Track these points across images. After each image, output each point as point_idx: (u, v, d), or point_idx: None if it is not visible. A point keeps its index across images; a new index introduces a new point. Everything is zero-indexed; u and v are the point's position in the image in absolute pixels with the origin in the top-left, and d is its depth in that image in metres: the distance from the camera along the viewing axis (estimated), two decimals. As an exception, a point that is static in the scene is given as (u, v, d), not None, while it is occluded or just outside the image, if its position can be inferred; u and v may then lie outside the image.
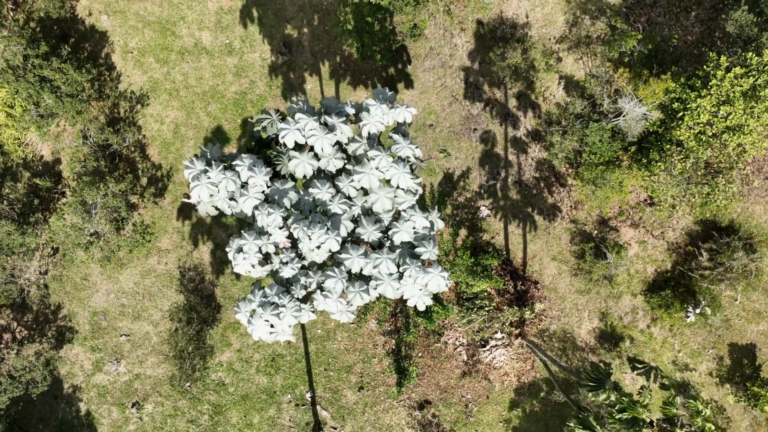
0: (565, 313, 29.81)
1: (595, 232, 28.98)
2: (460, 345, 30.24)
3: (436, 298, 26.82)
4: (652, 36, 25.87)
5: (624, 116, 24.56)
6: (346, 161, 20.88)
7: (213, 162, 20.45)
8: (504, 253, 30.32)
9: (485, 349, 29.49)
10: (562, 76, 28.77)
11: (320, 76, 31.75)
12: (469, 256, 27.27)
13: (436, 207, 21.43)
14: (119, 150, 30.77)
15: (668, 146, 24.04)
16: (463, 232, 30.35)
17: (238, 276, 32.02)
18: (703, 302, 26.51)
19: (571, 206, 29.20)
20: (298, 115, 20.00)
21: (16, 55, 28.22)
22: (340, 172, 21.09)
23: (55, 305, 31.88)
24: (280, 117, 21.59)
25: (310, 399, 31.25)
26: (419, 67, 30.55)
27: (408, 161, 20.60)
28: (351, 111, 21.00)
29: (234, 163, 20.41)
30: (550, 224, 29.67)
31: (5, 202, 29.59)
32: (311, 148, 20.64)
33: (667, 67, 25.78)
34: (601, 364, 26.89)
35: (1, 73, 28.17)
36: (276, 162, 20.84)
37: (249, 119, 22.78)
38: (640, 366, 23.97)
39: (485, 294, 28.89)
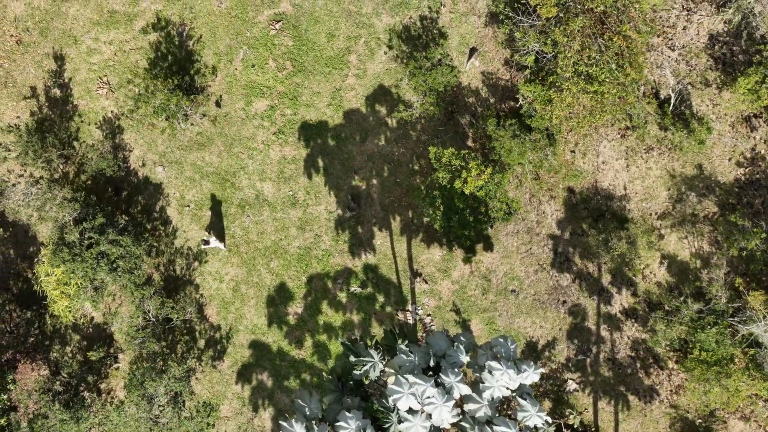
0: (662, 500, 27.61)
1: (699, 420, 26.77)
2: None
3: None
4: (776, 236, 23.79)
5: (744, 321, 22.45)
6: (460, 417, 18.69)
7: (314, 425, 18.26)
8: (593, 429, 28.14)
9: None
10: (664, 255, 26.57)
11: (390, 231, 29.59)
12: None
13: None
14: (179, 324, 28.59)
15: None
16: (547, 405, 28.23)
17: (301, 443, 29.87)
18: None
19: (671, 390, 27.00)
20: (412, 379, 17.81)
21: (72, 231, 26.08)
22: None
23: (106, 477, 29.73)
24: (382, 357, 19.40)
25: None
26: (501, 230, 28.36)
27: (536, 430, 18.45)
28: (465, 359, 18.84)
29: (338, 425, 18.22)
30: (646, 406, 27.47)
31: (58, 382, 27.42)
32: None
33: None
34: None
35: (57, 251, 26.02)
36: (383, 421, 18.65)
37: (344, 342, 20.61)
38: None
39: (577, 483, 26.72)
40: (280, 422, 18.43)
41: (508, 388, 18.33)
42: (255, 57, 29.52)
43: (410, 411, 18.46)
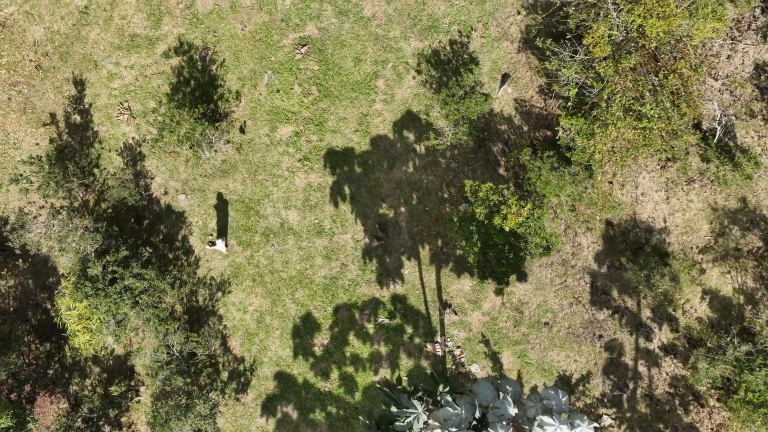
0: None
1: (741, 460, 25.99)
2: None
3: None
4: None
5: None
6: (508, 472, 17.93)
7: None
8: (628, 466, 27.35)
9: None
10: (705, 290, 25.77)
11: (419, 261, 28.81)
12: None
13: None
14: (204, 358, 27.81)
15: None
16: (581, 440, 27.42)
17: (327, 477, 29.12)
18: None
19: (712, 429, 26.20)
20: (459, 434, 17.06)
21: (95, 265, 25.30)
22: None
23: None
24: (426, 408, 18.62)
25: None
26: (535, 261, 27.55)
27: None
28: (512, 412, 18.07)
29: (382, 482, 17.47)
30: (685, 444, 26.68)
31: (79, 418, 26.66)
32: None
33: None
34: None
35: (80, 286, 25.23)
36: (429, 477, 17.89)
37: (383, 389, 19.83)
38: None
39: None
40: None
41: (560, 445, 17.60)
42: (280, 82, 28.73)
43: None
